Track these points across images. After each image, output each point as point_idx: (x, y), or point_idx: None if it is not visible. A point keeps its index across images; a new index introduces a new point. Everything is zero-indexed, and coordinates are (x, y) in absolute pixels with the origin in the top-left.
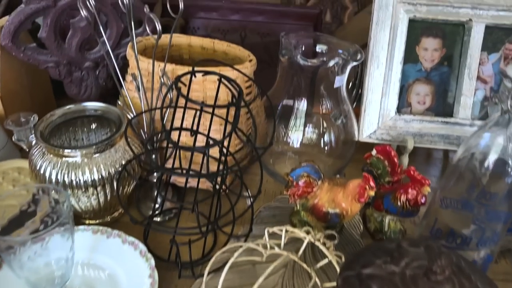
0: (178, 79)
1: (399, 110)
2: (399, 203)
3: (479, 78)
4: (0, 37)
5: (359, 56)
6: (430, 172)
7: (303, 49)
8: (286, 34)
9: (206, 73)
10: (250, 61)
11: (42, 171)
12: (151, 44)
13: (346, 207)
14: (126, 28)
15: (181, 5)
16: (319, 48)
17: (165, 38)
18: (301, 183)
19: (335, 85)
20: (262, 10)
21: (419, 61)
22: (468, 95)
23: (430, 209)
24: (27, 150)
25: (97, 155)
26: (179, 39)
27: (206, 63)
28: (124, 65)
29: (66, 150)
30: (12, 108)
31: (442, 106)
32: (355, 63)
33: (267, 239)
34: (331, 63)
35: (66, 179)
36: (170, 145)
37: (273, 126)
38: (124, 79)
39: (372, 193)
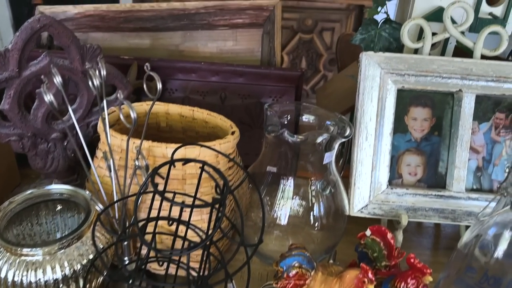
0: (154, 172)
1: (390, 182)
2: None
3: (470, 148)
4: None
5: (348, 132)
6: (422, 243)
7: (289, 118)
8: (270, 106)
9: (187, 161)
10: (233, 133)
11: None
12: (125, 114)
13: None
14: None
15: (159, 86)
16: (306, 118)
17: (140, 106)
18: (292, 274)
19: (324, 162)
20: (243, 72)
21: (409, 131)
22: (462, 168)
23: None
24: None
25: (61, 251)
26: (156, 106)
27: (186, 140)
28: (95, 135)
29: (25, 249)
30: None
31: (434, 177)
32: (343, 140)
33: None
34: (319, 139)
35: (24, 279)
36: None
37: (262, 219)
38: (94, 153)
39: (371, 287)
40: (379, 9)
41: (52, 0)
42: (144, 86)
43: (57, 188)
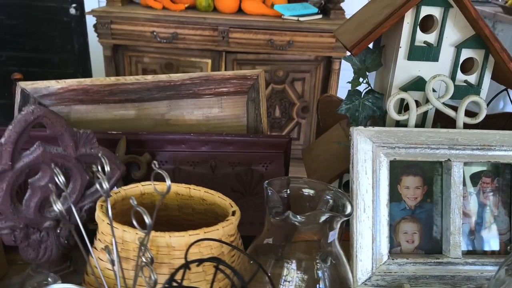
0: (171, 278)
1: (390, 251)
2: None
3: (462, 213)
4: None
5: (348, 210)
6: None
7: (288, 192)
8: (269, 184)
9: (201, 261)
10: (234, 213)
11: None
12: (121, 197)
13: None
14: (91, 180)
15: (168, 183)
16: (307, 191)
17: (136, 187)
18: None
19: (329, 240)
20: (232, 141)
21: (403, 199)
22: (457, 234)
23: None
24: None
25: None
26: (152, 187)
27: (182, 218)
28: (89, 219)
29: None
30: None
31: (431, 243)
32: (344, 219)
33: None
34: (322, 219)
35: None
36: None
37: None
38: (92, 242)
39: None
40: (360, 80)
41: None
42: (153, 185)
43: (59, 287)
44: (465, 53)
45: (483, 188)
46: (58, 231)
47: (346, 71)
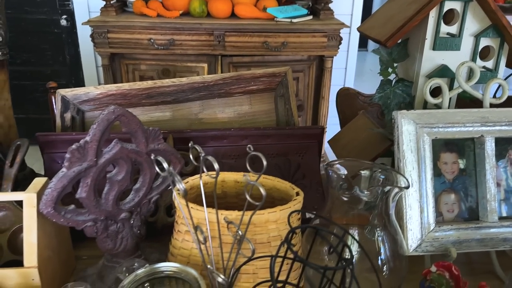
0: (286, 240)
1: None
2: None
3: None
4: (41, 206)
5: (404, 184)
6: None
7: (346, 173)
8: (329, 166)
9: (304, 227)
10: (298, 194)
11: None
12: (196, 185)
13: None
14: (157, 173)
15: (216, 166)
16: (364, 173)
17: (196, 179)
18: None
19: (390, 211)
20: (269, 134)
21: (442, 174)
22: (492, 200)
23: None
24: None
25: None
26: (212, 178)
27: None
28: (156, 210)
29: None
30: (45, 276)
31: (468, 212)
32: (403, 191)
33: None
34: (385, 191)
35: None
36: None
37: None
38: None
39: None
40: (389, 70)
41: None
42: (203, 168)
43: (166, 265)
44: (483, 42)
45: (510, 160)
46: (132, 222)
47: (337, 70)
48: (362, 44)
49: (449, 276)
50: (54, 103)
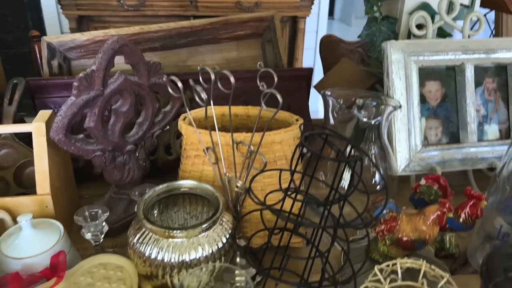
0: (301, 144)
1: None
2: (461, 220)
3: None
4: (52, 133)
5: (398, 104)
6: None
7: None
8: (325, 93)
9: (315, 133)
10: (298, 120)
11: (150, 255)
12: (199, 117)
13: (428, 232)
14: (159, 108)
15: (204, 96)
16: (358, 101)
17: (198, 112)
18: (387, 218)
19: (384, 128)
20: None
21: (427, 101)
22: (472, 122)
23: (487, 219)
24: (94, 244)
25: (201, 234)
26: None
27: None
28: (155, 150)
29: (175, 231)
30: (57, 205)
31: (449, 135)
32: (396, 110)
33: (379, 275)
34: (388, 112)
35: (174, 260)
36: None
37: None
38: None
39: (450, 214)
40: (374, 8)
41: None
42: (196, 97)
43: (183, 182)
44: None
45: (486, 87)
46: (137, 154)
47: (309, 33)
48: (329, 13)
49: (438, 187)
50: (37, 53)
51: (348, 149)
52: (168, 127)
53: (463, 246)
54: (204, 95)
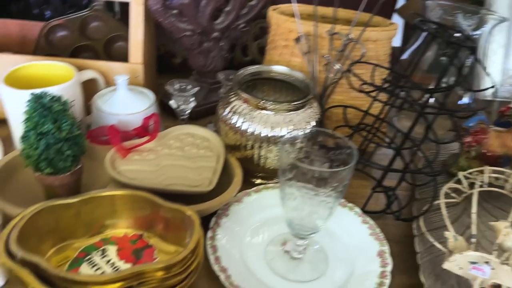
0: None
1: None
2: None
3: None
4: (151, 1)
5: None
6: None
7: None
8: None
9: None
10: (391, 24)
11: (241, 126)
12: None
13: None
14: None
15: None
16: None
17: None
18: (477, 129)
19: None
20: None
21: None
22: None
23: None
24: (181, 117)
25: (292, 112)
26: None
27: None
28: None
29: (268, 103)
30: (146, 77)
31: None
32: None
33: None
34: (491, 25)
35: (264, 133)
36: None
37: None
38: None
39: None
40: None
41: None
42: None
43: (277, 68)
44: None
45: None
46: (221, 44)
47: None
48: None
49: None
50: None
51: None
52: (248, 27)
53: None
54: None
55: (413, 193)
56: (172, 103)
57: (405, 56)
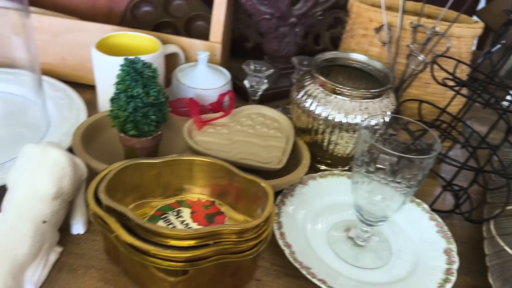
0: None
1: None
2: None
3: None
4: None
5: None
6: None
7: None
8: None
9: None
10: (476, 22)
11: (316, 111)
12: (368, 1)
13: None
14: None
15: None
16: None
17: None
18: None
19: None
20: None
21: None
22: None
23: None
24: (253, 97)
25: (368, 100)
26: None
27: None
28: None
29: (345, 88)
30: (223, 56)
31: None
32: None
33: None
34: None
35: (338, 119)
36: None
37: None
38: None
39: None
40: None
41: None
42: None
43: (356, 55)
44: None
45: None
46: (297, 30)
47: None
48: None
49: None
50: None
51: None
52: (323, 16)
53: None
54: None
55: (484, 196)
56: (246, 82)
57: (483, 57)
